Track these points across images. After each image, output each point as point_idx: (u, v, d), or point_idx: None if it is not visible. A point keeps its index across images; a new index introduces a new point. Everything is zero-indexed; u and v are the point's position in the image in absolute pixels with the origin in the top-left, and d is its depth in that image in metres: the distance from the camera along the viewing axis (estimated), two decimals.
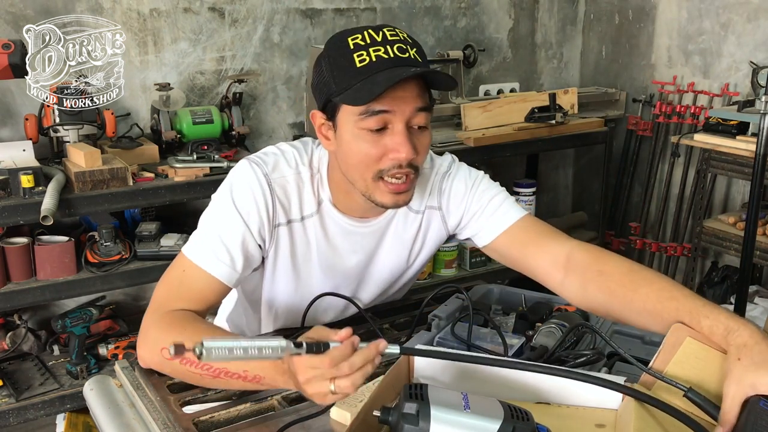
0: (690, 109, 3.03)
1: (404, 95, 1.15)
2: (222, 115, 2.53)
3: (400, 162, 1.17)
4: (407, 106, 1.15)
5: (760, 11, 2.80)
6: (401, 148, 1.16)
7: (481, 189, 1.37)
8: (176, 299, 1.21)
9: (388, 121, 1.16)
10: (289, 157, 1.30)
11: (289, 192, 1.28)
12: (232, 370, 1.04)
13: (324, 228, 1.32)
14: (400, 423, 0.82)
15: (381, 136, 1.17)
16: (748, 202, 2.13)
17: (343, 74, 1.16)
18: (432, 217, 1.39)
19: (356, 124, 1.17)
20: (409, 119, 1.17)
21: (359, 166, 1.20)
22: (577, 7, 3.56)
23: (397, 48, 1.15)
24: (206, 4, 2.65)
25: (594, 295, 1.19)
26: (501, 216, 1.34)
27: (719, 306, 1.02)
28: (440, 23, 3.17)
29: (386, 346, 0.94)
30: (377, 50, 1.14)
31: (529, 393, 0.98)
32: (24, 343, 2.36)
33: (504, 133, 2.84)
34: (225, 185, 1.28)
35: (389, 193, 1.20)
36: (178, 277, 1.23)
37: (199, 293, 1.22)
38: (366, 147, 1.17)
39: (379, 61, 1.14)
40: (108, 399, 1.22)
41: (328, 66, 1.18)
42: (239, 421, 1.09)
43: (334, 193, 1.30)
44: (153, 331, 1.17)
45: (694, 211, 3.00)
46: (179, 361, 1.09)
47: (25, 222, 2.06)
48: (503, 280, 2.87)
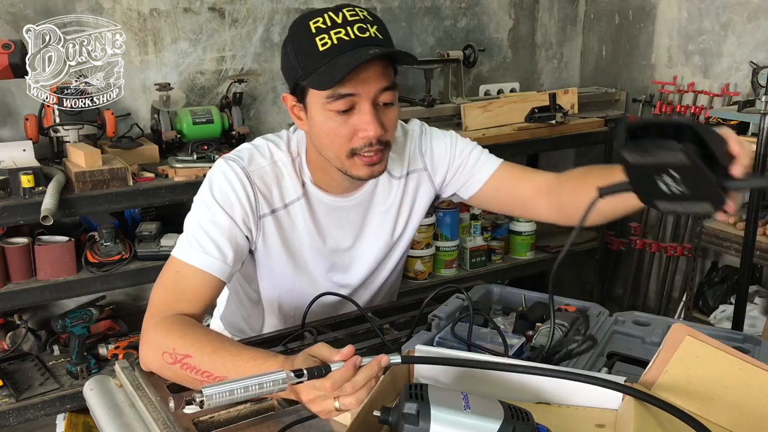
0: (690, 109, 3.03)
1: (368, 76, 1.18)
2: (222, 115, 2.53)
3: (370, 140, 1.22)
4: (371, 86, 1.19)
5: (760, 11, 2.80)
6: (369, 127, 1.20)
7: (460, 146, 1.48)
8: (173, 301, 1.22)
9: (354, 102, 1.20)
10: (262, 150, 1.34)
11: (268, 182, 1.32)
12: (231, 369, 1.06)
13: (311, 208, 1.36)
14: (400, 423, 0.82)
15: (349, 116, 1.21)
16: (748, 202, 2.13)
17: (307, 58, 1.19)
18: (419, 179, 1.46)
19: (324, 106, 1.21)
20: (374, 98, 1.21)
21: (332, 145, 1.24)
22: (577, 7, 3.56)
23: (357, 28, 1.18)
24: (206, 4, 2.65)
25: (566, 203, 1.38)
26: (483, 165, 1.47)
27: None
28: (440, 23, 3.17)
29: (388, 360, 0.94)
30: (338, 32, 1.17)
31: (529, 393, 0.98)
32: (24, 343, 2.36)
33: (504, 133, 2.84)
34: (204, 185, 1.32)
35: (364, 165, 1.25)
36: (172, 279, 1.25)
37: (195, 291, 1.23)
38: (336, 127, 1.22)
39: (341, 43, 1.16)
40: (108, 399, 1.22)
41: (293, 50, 1.22)
42: (239, 421, 1.09)
43: (314, 173, 1.35)
44: (153, 335, 1.18)
45: None
46: (180, 366, 1.11)
47: (25, 222, 2.06)
48: (503, 280, 2.87)
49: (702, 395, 0.95)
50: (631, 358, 1.16)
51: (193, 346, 1.12)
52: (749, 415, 0.93)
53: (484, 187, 1.47)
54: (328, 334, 1.37)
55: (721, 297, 2.86)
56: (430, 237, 2.84)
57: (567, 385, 0.97)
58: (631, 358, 1.16)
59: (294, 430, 1.02)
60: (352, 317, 1.44)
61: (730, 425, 0.94)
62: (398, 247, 1.50)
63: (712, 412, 0.94)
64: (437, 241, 2.88)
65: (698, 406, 0.94)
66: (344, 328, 1.40)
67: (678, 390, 0.94)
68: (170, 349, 1.13)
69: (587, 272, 3.51)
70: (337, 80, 1.14)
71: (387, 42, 1.21)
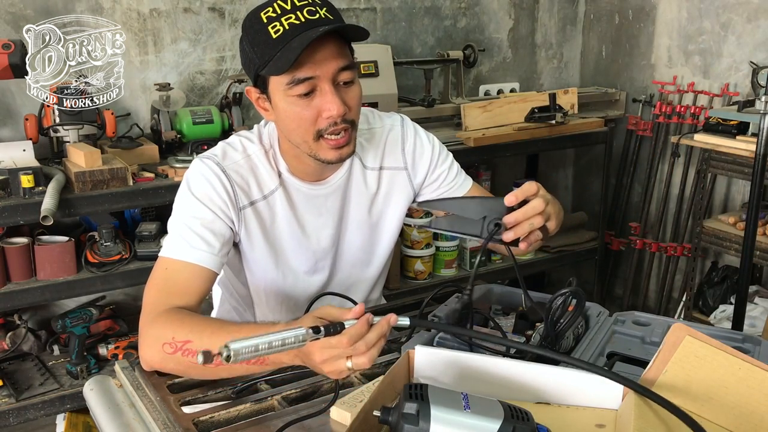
0: (690, 109, 3.03)
1: (323, 57, 1.20)
2: (222, 115, 2.53)
3: (335, 119, 1.23)
4: (329, 66, 1.21)
5: (760, 11, 2.80)
6: (331, 107, 1.22)
7: (443, 156, 1.50)
8: (166, 296, 1.23)
9: (314, 85, 1.22)
10: (235, 145, 1.37)
11: (245, 175, 1.34)
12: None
13: (289, 198, 1.38)
14: (400, 423, 0.82)
15: (311, 98, 1.23)
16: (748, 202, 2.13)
17: (262, 48, 1.21)
18: (396, 178, 1.47)
19: (286, 93, 1.23)
20: (333, 78, 1.22)
21: (298, 130, 1.26)
22: (577, 7, 3.56)
23: (306, 11, 1.20)
24: (206, 4, 2.65)
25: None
26: (462, 181, 1.51)
27: None
28: (440, 23, 3.17)
29: (396, 319, 0.98)
30: (288, 18, 1.19)
31: (529, 393, 0.99)
32: (24, 343, 2.36)
33: (504, 133, 2.84)
34: (182, 186, 1.34)
35: (331, 149, 1.27)
36: (162, 276, 1.26)
37: (186, 285, 1.25)
38: (299, 111, 1.24)
39: (292, 27, 1.19)
40: (108, 399, 1.22)
41: (249, 43, 1.24)
42: (239, 421, 1.09)
43: (289, 162, 1.37)
44: (151, 331, 1.19)
45: (694, 211, 3.00)
46: (181, 354, 1.12)
47: (25, 222, 2.06)
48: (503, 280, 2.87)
49: (702, 395, 0.95)
50: (631, 358, 1.16)
51: (192, 332, 1.13)
52: (749, 415, 0.93)
53: None
54: None
55: (721, 297, 2.86)
56: (430, 237, 2.84)
57: (567, 385, 0.97)
58: (631, 358, 1.16)
59: (293, 429, 1.02)
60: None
61: (730, 425, 0.94)
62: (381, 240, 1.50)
63: (712, 412, 0.94)
64: (437, 241, 2.88)
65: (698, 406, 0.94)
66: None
67: (678, 390, 0.94)
68: (169, 339, 1.13)
69: (587, 272, 3.51)
70: (291, 61, 1.16)
71: (337, 21, 1.23)
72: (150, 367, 1.20)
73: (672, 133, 3.13)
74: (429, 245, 2.84)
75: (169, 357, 1.14)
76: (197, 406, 1.14)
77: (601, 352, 1.17)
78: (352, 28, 1.22)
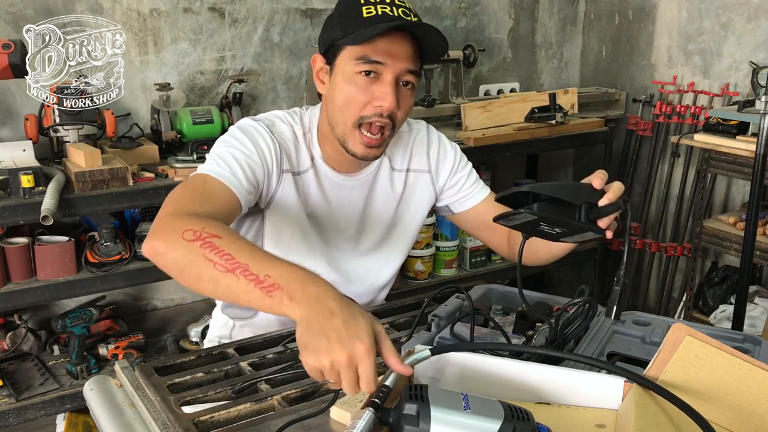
0: (690, 109, 3.03)
1: (398, 52, 1.25)
2: (222, 115, 2.53)
3: (383, 111, 1.27)
4: (399, 62, 1.26)
5: (760, 11, 2.80)
6: (387, 98, 1.26)
7: (464, 163, 1.55)
8: (201, 201, 1.17)
9: (379, 71, 1.26)
10: (282, 118, 1.41)
11: (289, 146, 1.38)
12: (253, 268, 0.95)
13: (319, 182, 1.41)
14: (400, 424, 0.82)
15: (371, 83, 1.27)
16: (748, 202, 2.13)
17: (348, 21, 1.26)
18: (420, 180, 1.51)
19: (352, 68, 1.27)
20: (398, 75, 1.27)
21: (345, 109, 1.29)
22: (577, 7, 3.56)
23: (401, 11, 1.26)
24: (206, 4, 2.65)
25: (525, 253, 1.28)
26: (480, 188, 1.55)
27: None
28: (440, 23, 3.17)
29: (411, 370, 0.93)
30: (384, 7, 1.25)
31: (529, 393, 0.99)
32: (24, 343, 2.36)
33: (504, 133, 2.84)
34: (231, 130, 1.36)
35: (362, 144, 1.31)
36: (199, 183, 1.24)
37: (223, 201, 1.23)
38: (355, 91, 1.28)
39: (384, 15, 1.24)
40: (108, 399, 1.22)
41: (337, 16, 1.30)
42: (239, 421, 1.09)
43: (324, 149, 1.40)
44: (177, 217, 1.08)
45: (694, 211, 3.00)
46: (200, 244, 1.00)
47: (25, 222, 2.06)
48: (503, 280, 2.87)
49: (702, 395, 0.95)
50: (631, 358, 1.16)
51: (226, 231, 1.03)
52: (749, 415, 0.94)
53: (475, 209, 1.55)
54: None
55: (721, 297, 2.86)
56: (430, 237, 2.84)
57: (567, 385, 0.97)
58: (631, 358, 1.16)
59: (293, 429, 1.02)
60: None
61: (730, 425, 0.94)
62: (400, 240, 1.53)
63: (712, 412, 0.94)
64: (437, 241, 2.88)
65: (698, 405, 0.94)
66: None
67: (678, 390, 0.94)
68: (198, 228, 1.02)
69: (587, 272, 3.51)
70: (372, 34, 1.21)
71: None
72: (152, 249, 1.06)
73: (672, 133, 3.13)
74: (429, 245, 2.84)
75: (183, 243, 1.01)
76: (197, 406, 1.14)
77: (601, 352, 1.17)
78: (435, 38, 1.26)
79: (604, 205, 1.09)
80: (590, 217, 1.08)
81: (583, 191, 1.11)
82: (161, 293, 2.82)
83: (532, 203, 1.06)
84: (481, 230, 1.60)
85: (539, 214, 1.05)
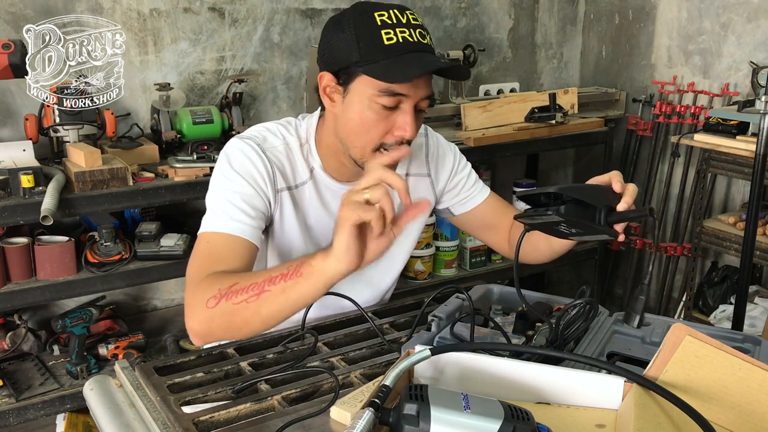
0: (690, 109, 3.03)
1: (419, 83, 1.24)
2: (222, 115, 2.53)
3: (404, 139, 1.27)
4: (420, 92, 1.25)
5: (760, 11, 2.80)
6: (408, 128, 1.26)
7: (463, 164, 1.56)
8: (211, 264, 1.22)
9: (400, 101, 1.25)
10: (274, 130, 1.39)
11: (282, 161, 1.36)
12: (274, 274, 1.09)
13: (318, 194, 1.40)
14: (400, 424, 0.82)
15: (391, 113, 1.26)
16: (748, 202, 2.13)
17: (369, 46, 1.22)
18: (420, 184, 1.51)
19: (372, 97, 1.24)
20: (417, 103, 1.27)
21: (364, 135, 1.28)
22: (577, 7, 3.56)
23: (418, 33, 1.24)
24: (206, 4, 2.65)
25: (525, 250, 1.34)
26: (480, 189, 1.57)
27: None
28: (440, 23, 3.17)
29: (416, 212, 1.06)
30: (403, 32, 1.22)
31: (529, 393, 0.99)
32: (24, 343, 2.36)
33: (504, 133, 2.84)
34: (221, 161, 1.34)
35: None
36: (206, 249, 1.26)
37: (229, 254, 1.25)
38: (375, 119, 1.26)
39: (405, 43, 1.22)
40: (108, 399, 1.22)
41: (354, 35, 1.23)
42: (239, 421, 1.09)
43: (325, 159, 1.39)
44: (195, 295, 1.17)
45: (694, 211, 3.00)
46: (225, 299, 1.11)
47: (25, 222, 2.06)
48: (503, 280, 2.87)
49: (702, 395, 0.95)
50: (631, 358, 1.16)
51: (237, 276, 1.15)
52: (749, 415, 0.94)
53: (475, 209, 1.56)
54: (328, 334, 1.37)
55: (721, 297, 2.86)
56: (430, 237, 2.84)
57: (567, 385, 0.97)
58: (631, 358, 1.16)
59: (293, 429, 1.02)
60: (352, 317, 1.44)
61: (730, 425, 0.94)
62: (402, 244, 1.53)
63: (712, 412, 0.94)
64: (437, 241, 2.88)
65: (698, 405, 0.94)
66: (344, 327, 1.40)
67: (678, 390, 0.94)
68: (215, 293, 1.13)
69: (587, 272, 3.51)
70: (410, 78, 1.20)
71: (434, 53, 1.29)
72: (199, 336, 1.18)
73: (672, 133, 3.13)
74: (429, 245, 2.84)
75: (213, 312, 1.12)
76: (197, 406, 1.14)
77: (601, 352, 1.17)
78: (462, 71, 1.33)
79: (624, 210, 1.10)
80: (609, 220, 1.09)
81: (604, 194, 1.12)
82: (161, 293, 2.83)
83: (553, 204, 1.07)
84: (482, 230, 1.61)
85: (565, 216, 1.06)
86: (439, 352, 0.99)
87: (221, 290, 1.12)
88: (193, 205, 2.59)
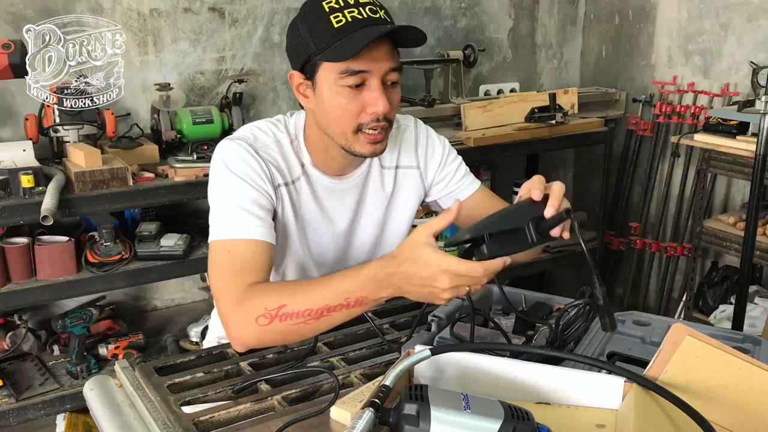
0: (690, 109, 3.03)
1: (379, 55, 1.24)
2: (222, 115, 2.53)
3: (378, 115, 1.27)
4: (382, 64, 1.25)
5: (760, 11, 2.80)
6: (378, 102, 1.26)
7: (452, 157, 1.55)
8: (240, 276, 1.23)
9: (364, 79, 1.26)
10: (264, 128, 1.40)
11: (275, 158, 1.37)
12: (332, 303, 1.12)
13: (312, 189, 1.41)
14: (400, 424, 0.82)
15: (359, 92, 1.26)
16: (748, 202, 2.13)
17: (321, 34, 1.24)
18: (409, 176, 1.51)
19: (336, 81, 1.25)
20: (383, 76, 1.26)
21: (340, 120, 1.29)
22: (577, 7, 3.56)
23: (368, 9, 1.24)
24: (206, 4, 2.65)
25: None
26: (469, 182, 1.55)
27: None
28: (440, 23, 3.17)
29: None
30: (351, 12, 1.23)
31: (529, 393, 0.99)
32: (24, 343, 2.36)
33: (504, 133, 2.84)
34: (217, 166, 1.34)
35: (368, 143, 1.31)
36: (228, 259, 1.26)
37: (254, 261, 1.26)
38: (345, 102, 1.27)
39: (354, 21, 1.22)
40: (108, 399, 1.22)
41: (306, 28, 1.26)
42: (239, 421, 1.09)
43: (313, 154, 1.40)
44: (239, 311, 1.19)
45: (694, 211, 3.00)
46: (278, 321, 1.14)
47: (25, 222, 2.07)
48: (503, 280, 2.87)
49: (702, 395, 0.95)
50: (631, 358, 1.16)
51: (283, 296, 1.16)
52: (749, 415, 0.94)
53: (465, 202, 1.54)
54: (328, 334, 1.36)
55: (721, 297, 2.86)
56: None
57: (567, 385, 0.97)
58: (631, 358, 1.16)
59: (293, 429, 1.02)
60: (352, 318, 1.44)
61: (730, 425, 0.94)
62: (391, 236, 1.53)
63: (712, 412, 0.94)
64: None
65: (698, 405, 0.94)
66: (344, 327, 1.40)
67: (678, 390, 0.94)
68: (262, 311, 1.15)
69: (587, 272, 3.51)
70: (356, 51, 1.19)
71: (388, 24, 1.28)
72: (246, 347, 1.21)
73: (672, 133, 3.13)
74: None
75: (266, 329, 1.15)
76: (197, 406, 1.14)
77: (601, 352, 1.17)
78: (415, 33, 1.26)
79: (549, 217, 1.11)
80: (540, 231, 1.09)
81: (525, 210, 1.12)
82: (161, 293, 2.83)
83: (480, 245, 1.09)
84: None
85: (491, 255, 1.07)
86: (439, 352, 0.99)
87: (269, 310, 1.15)
88: (193, 205, 2.59)
